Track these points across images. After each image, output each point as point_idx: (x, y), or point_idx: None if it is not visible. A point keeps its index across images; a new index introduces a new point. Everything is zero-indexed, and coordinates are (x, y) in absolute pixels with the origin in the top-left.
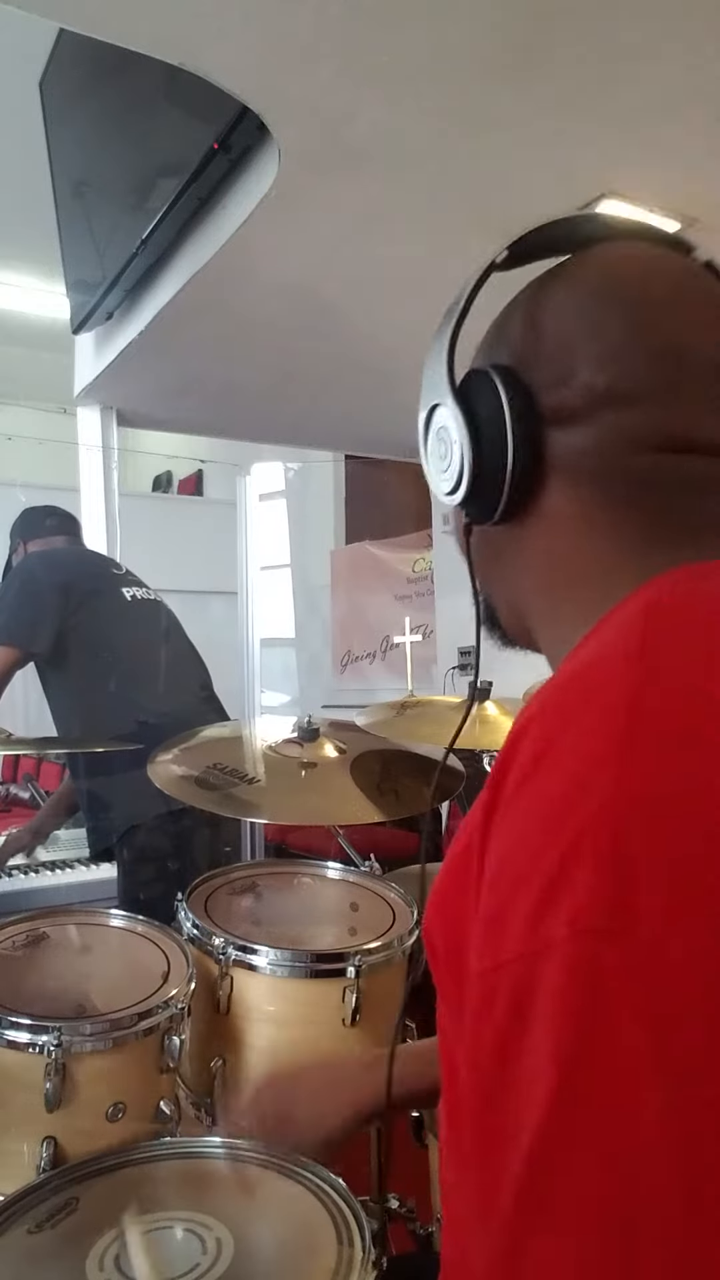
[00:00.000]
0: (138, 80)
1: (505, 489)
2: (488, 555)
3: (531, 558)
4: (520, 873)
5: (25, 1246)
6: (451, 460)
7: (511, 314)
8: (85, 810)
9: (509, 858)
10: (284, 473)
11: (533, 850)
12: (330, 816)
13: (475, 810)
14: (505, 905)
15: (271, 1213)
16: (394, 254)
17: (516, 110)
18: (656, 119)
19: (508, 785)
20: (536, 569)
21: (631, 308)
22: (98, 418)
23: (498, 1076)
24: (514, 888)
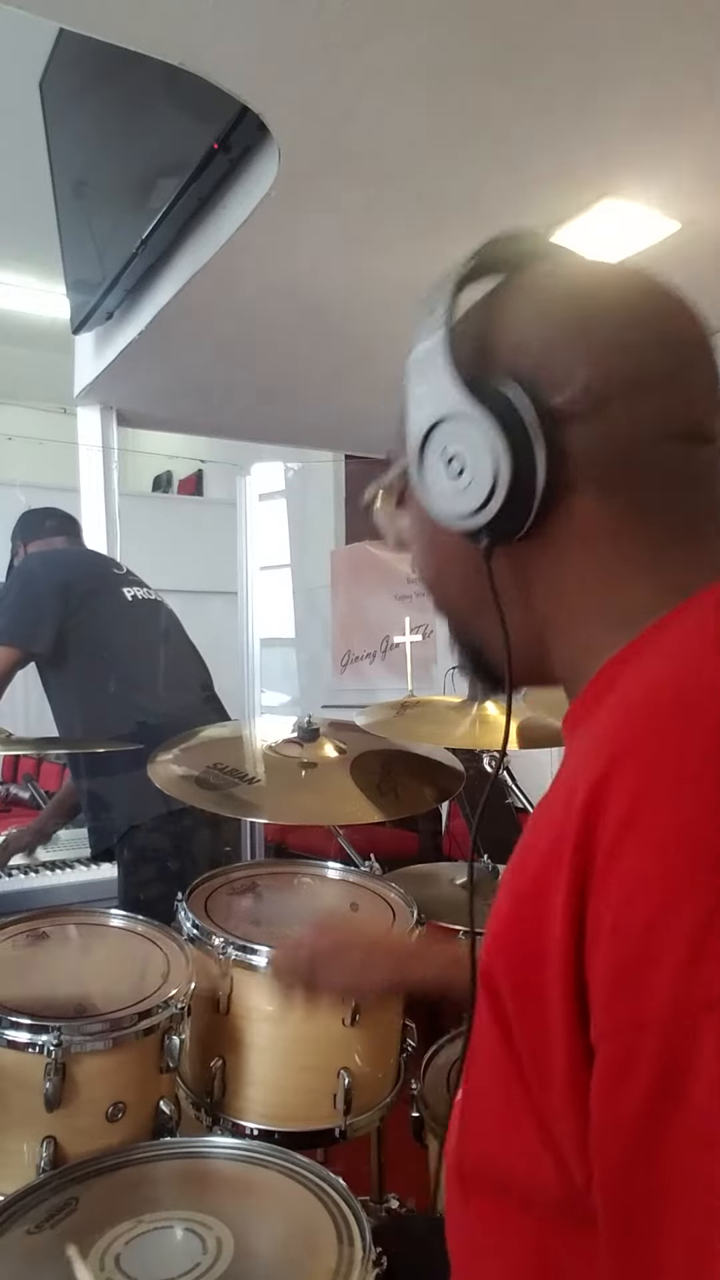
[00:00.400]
0: (138, 80)
1: (538, 495)
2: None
3: (559, 571)
4: (652, 928)
5: (25, 1246)
6: (475, 474)
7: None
8: (86, 810)
9: (631, 911)
10: (284, 473)
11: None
12: (330, 816)
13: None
14: (638, 962)
15: (272, 1212)
16: (393, 254)
17: (516, 111)
18: (656, 120)
19: (605, 831)
20: (564, 582)
21: (609, 303)
22: (98, 418)
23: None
24: (648, 944)
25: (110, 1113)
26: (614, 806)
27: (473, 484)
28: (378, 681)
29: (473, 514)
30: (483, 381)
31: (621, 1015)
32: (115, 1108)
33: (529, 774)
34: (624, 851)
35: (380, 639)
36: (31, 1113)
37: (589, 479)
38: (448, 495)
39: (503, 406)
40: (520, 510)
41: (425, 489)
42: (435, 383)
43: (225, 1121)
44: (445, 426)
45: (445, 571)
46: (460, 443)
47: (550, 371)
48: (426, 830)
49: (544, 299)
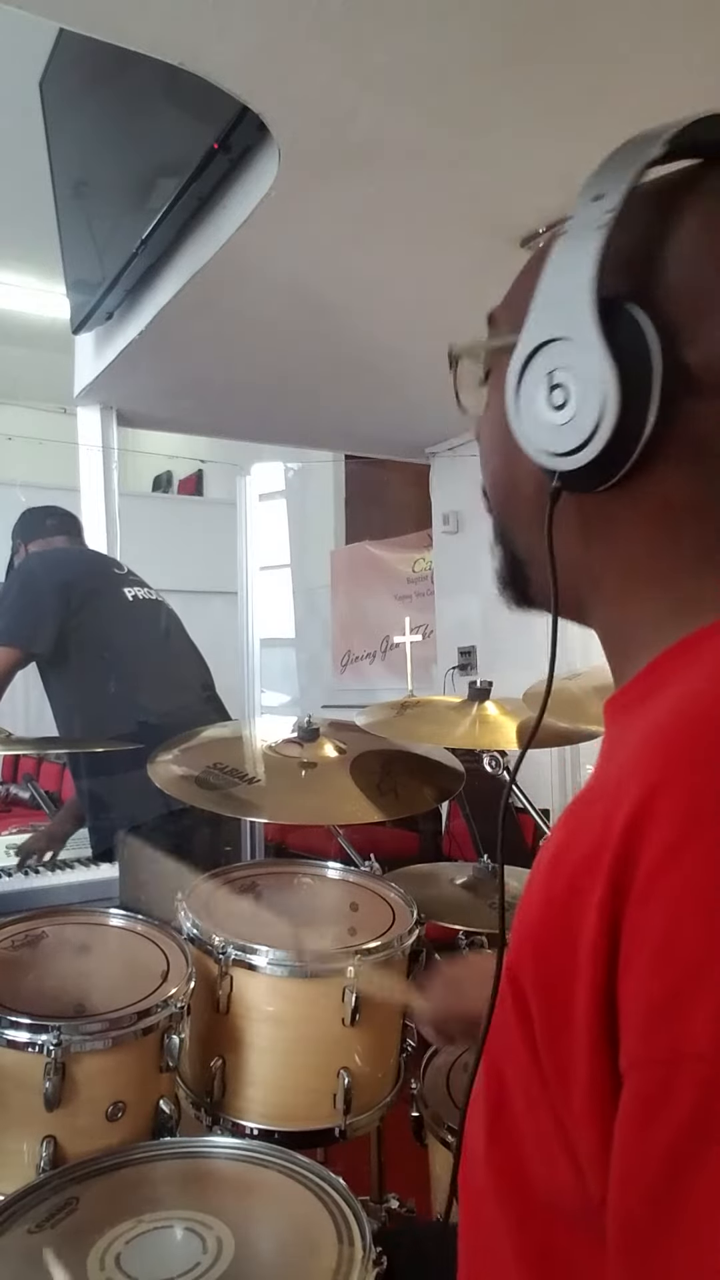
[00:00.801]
0: (138, 80)
1: (629, 464)
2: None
3: (624, 533)
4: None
5: (25, 1246)
6: (577, 415)
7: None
8: (87, 810)
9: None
10: (284, 473)
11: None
12: (330, 816)
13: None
14: (681, 993)
15: (272, 1212)
16: (394, 254)
17: (516, 110)
18: (655, 119)
19: (649, 851)
20: (626, 546)
21: None
22: (98, 418)
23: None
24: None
25: (110, 1112)
26: (660, 828)
27: (570, 424)
28: (378, 681)
29: (558, 455)
30: (619, 308)
31: (658, 1046)
32: (115, 1107)
33: (529, 774)
34: (668, 877)
35: (380, 639)
36: (31, 1112)
37: (692, 453)
38: (538, 424)
39: (634, 351)
40: (607, 469)
41: (517, 404)
42: (569, 292)
43: (225, 1121)
44: (562, 347)
45: (507, 480)
46: (570, 374)
47: (700, 321)
48: (426, 830)
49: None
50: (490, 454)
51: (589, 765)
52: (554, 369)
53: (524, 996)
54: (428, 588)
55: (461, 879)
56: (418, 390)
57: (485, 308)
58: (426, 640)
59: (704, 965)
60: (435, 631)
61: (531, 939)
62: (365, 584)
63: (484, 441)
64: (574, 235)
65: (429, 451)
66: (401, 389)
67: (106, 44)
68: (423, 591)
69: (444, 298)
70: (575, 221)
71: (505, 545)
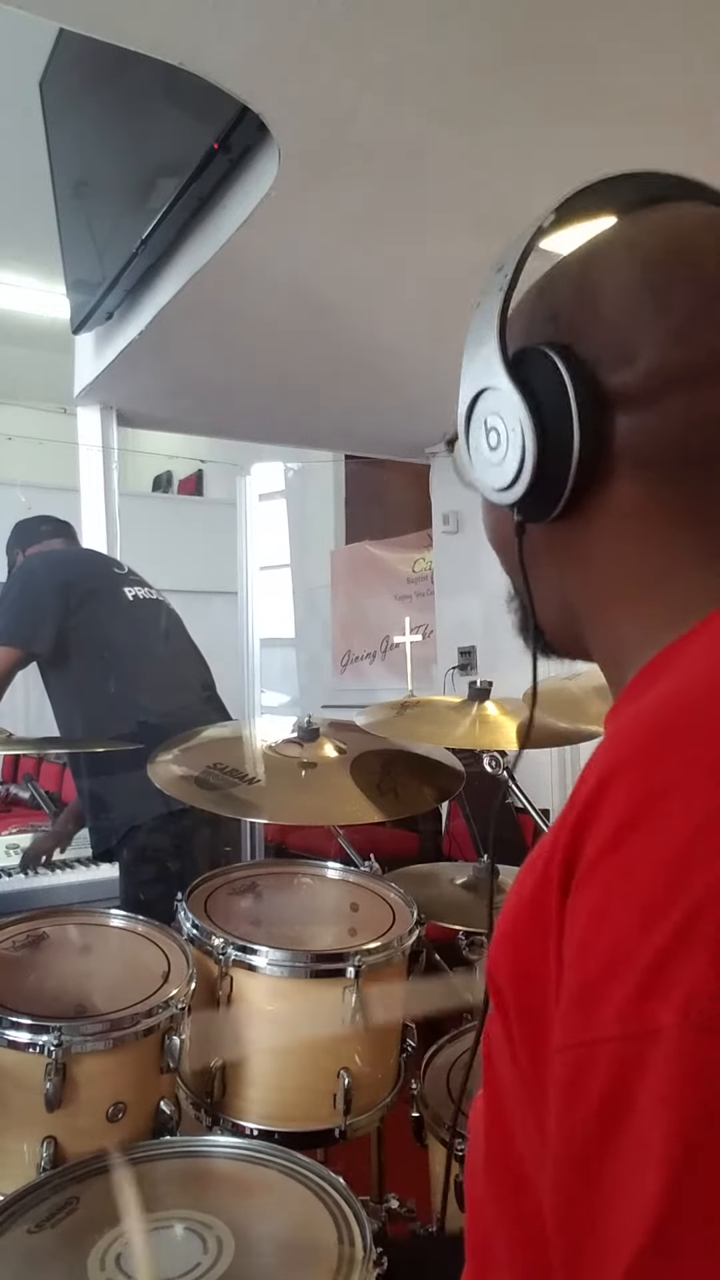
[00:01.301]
0: (138, 80)
1: (570, 480)
2: (539, 558)
3: (593, 558)
4: (615, 948)
5: (25, 1246)
6: (508, 451)
7: (557, 283)
8: (87, 810)
9: (600, 928)
10: (284, 473)
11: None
12: (330, 816)
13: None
14: (598, 980)
15: (272, 1212)
16: (394, 254)
17: (516, 110)
18: (656, 119)
19: (593, 841)
20: (598, 570)
21: (701, 279)
22: (98, 418)
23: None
24: (609, 963)
25: (110, 1113)
26: (602, 823)
27: (504, 461)
28: (378, 681)
29: (501, 490)
30: (533, 353)
31: (575, 1031)
32: (115, 1108)
33: (529, 774)
34: (600, 868)
35: (380, 639)
36: (32, 1113)
37: (635, 466)
38: (482, 466)
39: (546, 385)
40: (551, 492)
41: (468, 454)
42: (483, 349)
43: (225, 1121)
44: (487, 396)
45: (493, 530)
46: (497, 417)
47: (615, 348)
48: (426, 830)
49: (630, 260)
50: (484, 513)
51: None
52: (486, 416)
53: (501, 995)
54: (428, 588)
55: (461, 879)
56: (418, 390)
57: None
58: (426, 640)
59: (616, 954)
60: (435, 631)
61: (508, 937)
62: (365, 584)
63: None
64: (482, 302)
65: (429, 451)
66: (401, 389)
67: (106, 44)
68: (423, 591)
69: (444, 298)
70: (483, 290)
71: (518, 597)
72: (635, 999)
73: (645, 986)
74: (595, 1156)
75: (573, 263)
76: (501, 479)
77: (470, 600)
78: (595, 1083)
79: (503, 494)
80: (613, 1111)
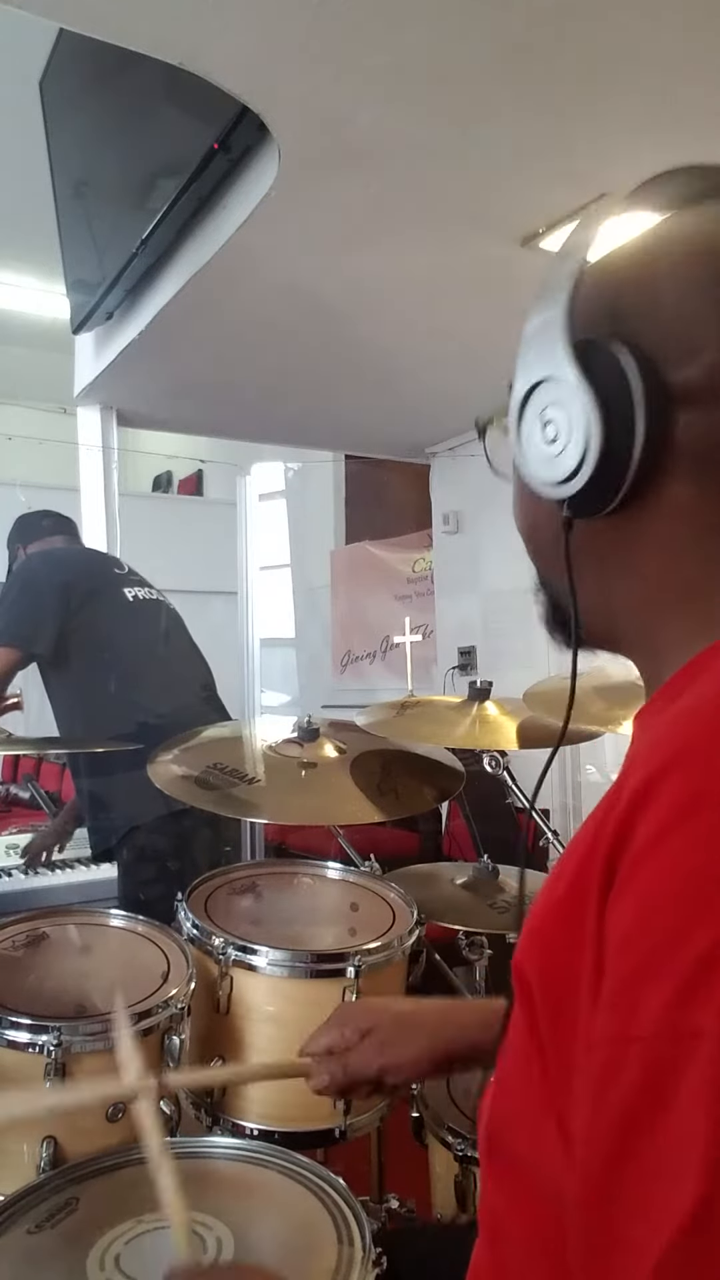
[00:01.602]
0: (138, 80)
1: (630, 478)
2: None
3: (638, 554)
4: (657, 948)
5: (25, 1246)
6: (567, 445)
7: (615, 276)
8: (86, 810)
9: (643, 928)
10: (284, 473)
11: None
12: (330, 816)
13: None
14: (639, 979)
15: (272, 1212)
16: (394, 254)
17: (516, 110)
18: (656, 119)
19: (638, 838)
20: (643, 567)
21: None
22: (98, 418)
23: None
24: (650, 963)
25: (110, 1113)
26: (649, 820)
27: (562, 454)
28: (378, 681)
29: (557, 484)
30: (597, 346)
31: (612, 1027)
32: (115, 1108)
33: (529, 774)
34: (646, 867)
35: (380, 639)
36: None
37: (692, 466)
38: (537, 459)
39: (611, 378)
40: (607, 490)
41: (519, 445)
42: (547, 338)
43: (225, 1121)
44: (547, 388)
45: (532, 523)
46: (557, 409)
47: (677, 343)
48: (426, 830)
49: (693, 255)
50: (518, 502)
51: (589, 765)
52: (544, 408)
53: (528, 989)
54: (428, 588)
55: (461, 879)
56: (418, 390)
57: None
58: (426, 640)
59: (659, 952)
60: (435, 631)
61: (538, 932)
62: (365, 584)
63: (514, 499)
64: (547, 290)
65: (429, 451)
66: (401, 389)
67: (106, 44)
68: (423, 591)
69: (444, 298)
70: (548, 278)
71: (546, 590)
72: (676, 1001)
73: (686, 989)
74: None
75: (632, 255)
76: (557, 473)
77: (470, 600)
78: (630, 1079)
79: (556, 488)
80: (649, 1108)
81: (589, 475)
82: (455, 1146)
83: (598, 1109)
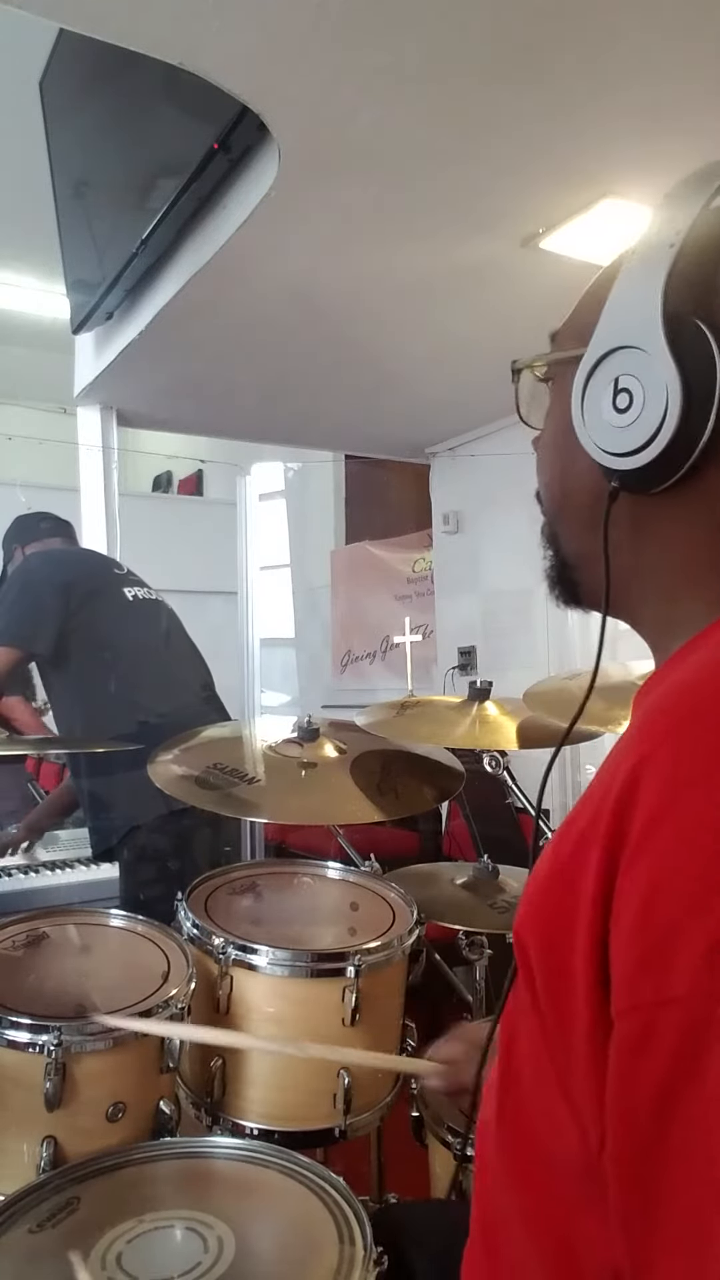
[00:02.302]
0: (138, 80)
1: (693, 459)
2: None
3: (671, 532)
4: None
5: (26, 1246)
6: (640, 417)
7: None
8: (86, 810)
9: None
10: (284, 473)
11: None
12: (330, 816)
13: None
14: (663, 945)
15: (273, 1212)
16: (394, 254)
17: (516, 111)
18: (657, 119)
19: (640, 812)
20: (672, 544)
21: None
22: (98, 418)
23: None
24: (674, 929)
25: (110, 1113)
26: (648, 793)
27: (632, 427)
28: (378, 681)
29: (619, 455)
30: (686, 323)
31: (642, 993)
32: (115, 1108)
33: (529, 774)
34: (652, 841)
35: (380, 639)
36: (31, 1113)
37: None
38: (601, 426)
39: (698, 359)
40: (667, 470)
41: (583, 406)
42: (639, 302)
43: (225, 1121)
44: (630, 354)
45: (564, 481)
46: (635, 380)
47: None
48: (426, 830)
49: None
50: (548, 461)
51: (590, 765)
52: (620, 374)
53: (527, 956)
54: (428, 588)
55: (461, 879)
56: (418, 390)
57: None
58: (426, 640)
59: (682, 920)
60: (435, 631)
61: (537, 902)
62: (365, 584)
63: (543, 450)
64: (646, 253)
65: (429, 451)
66: (401, 389)
67: (106, 44)
68: (423, 591)
69: (444, 298)
70: (647, 241)
71: (555, 548)
72: (704, 963)
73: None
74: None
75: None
76: (622, 444)
77: (470, 600)
78: (670, 1038)
79: (616, 459)
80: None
81: (657, 454)
82: (455, 1146)
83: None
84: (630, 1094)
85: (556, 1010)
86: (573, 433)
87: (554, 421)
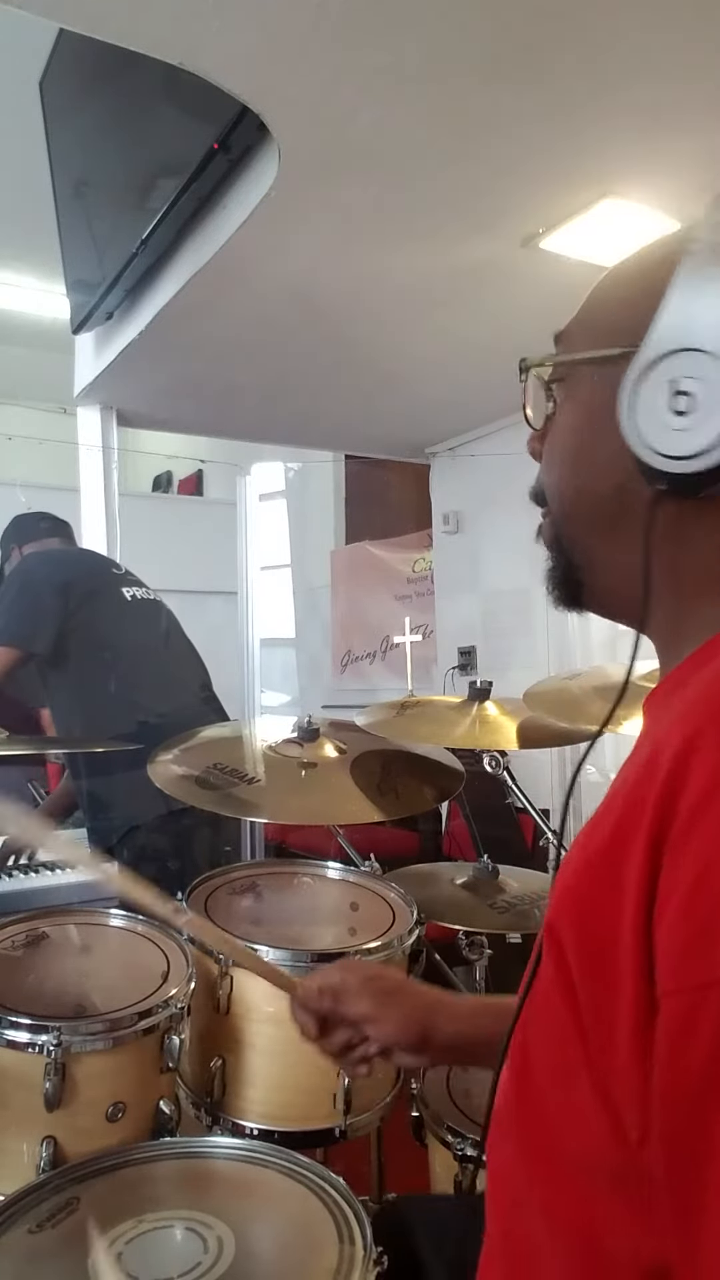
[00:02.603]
0: (138, 80)
1: None
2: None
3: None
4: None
5: (26, 1246)
6: (700, 427)
7: None
8: (86, 810)
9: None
10: (284, 473)
11: None
12: (330, 816)
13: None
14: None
15: (273, 1212)
16: (394, 254)
17: (516, 111)
18: (657, 120)
19: (689, 795)
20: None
21: None
22: (98, 418)
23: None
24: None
25: (110, 1113)
26: (697, 777)
27: (690, 431)
28: (378, 681)
29: (671, 458)
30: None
31: (690, 975)
32: (115, 1108)
33: (529, 774)
34: (702, 823)
35: (380, 639)
36: (31, 1113)
37: None
38: (654, 427)
39: None
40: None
41: (632, 404)
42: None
43: (225, 1121)
44: (694, 358)
45: (576, 485)
46: (700, 384)
47: None
48: (426, 830)
49: None
50: (558, 460)
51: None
52: (682, 376)
53: (560, 948)
54: (428, 588)
55: (461, 879)
56: (418, 390)
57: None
58: (426, 640)
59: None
60: (435, 631)
61: (572, 892)
62: (365, 584)
63: (551, 449)
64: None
65: (429, 451)
66: (401, 389)
67: (106, 44)
68: (423, 591)
69: (444, 298)
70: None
71: (561, 549)
72: None
73: None
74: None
75: None
76: (676, 447)
77: (470, 600)
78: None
79: (668, 461)
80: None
81: (714, 462)
82: (455, 1146)
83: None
84: (677, 1076)
85: (595, 999)
86: (591, 431)
87: (568, 420)
